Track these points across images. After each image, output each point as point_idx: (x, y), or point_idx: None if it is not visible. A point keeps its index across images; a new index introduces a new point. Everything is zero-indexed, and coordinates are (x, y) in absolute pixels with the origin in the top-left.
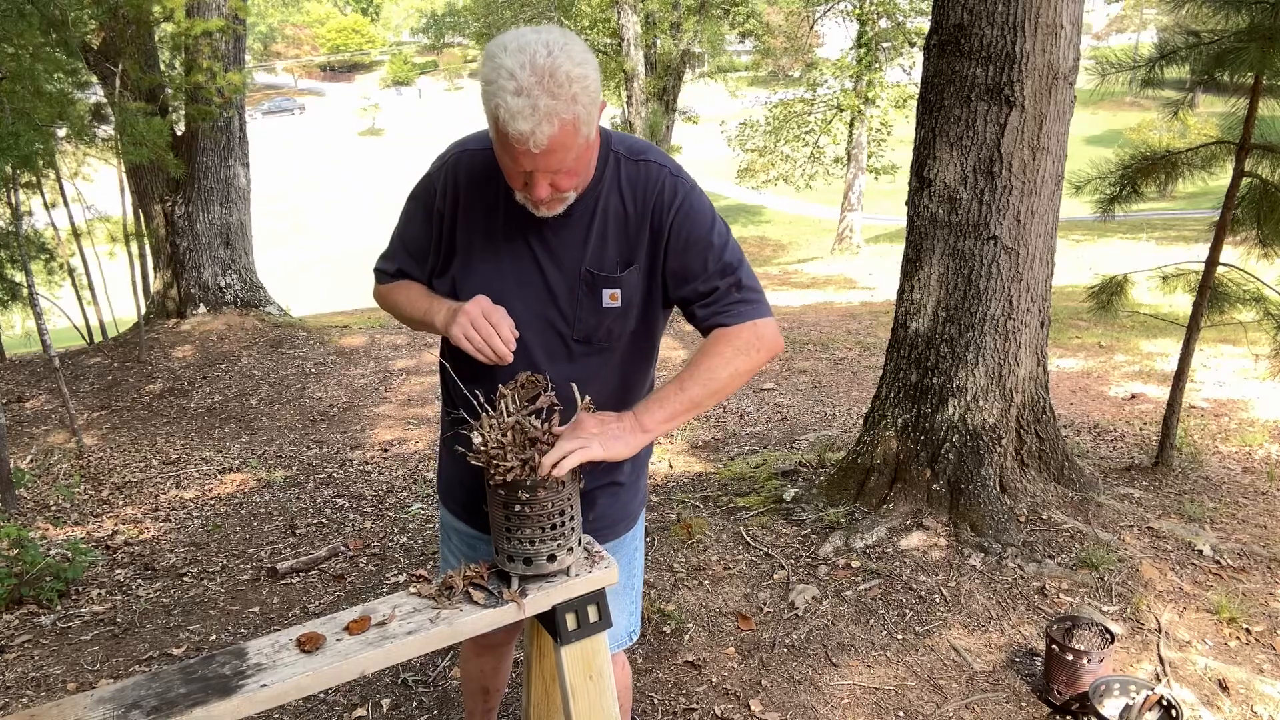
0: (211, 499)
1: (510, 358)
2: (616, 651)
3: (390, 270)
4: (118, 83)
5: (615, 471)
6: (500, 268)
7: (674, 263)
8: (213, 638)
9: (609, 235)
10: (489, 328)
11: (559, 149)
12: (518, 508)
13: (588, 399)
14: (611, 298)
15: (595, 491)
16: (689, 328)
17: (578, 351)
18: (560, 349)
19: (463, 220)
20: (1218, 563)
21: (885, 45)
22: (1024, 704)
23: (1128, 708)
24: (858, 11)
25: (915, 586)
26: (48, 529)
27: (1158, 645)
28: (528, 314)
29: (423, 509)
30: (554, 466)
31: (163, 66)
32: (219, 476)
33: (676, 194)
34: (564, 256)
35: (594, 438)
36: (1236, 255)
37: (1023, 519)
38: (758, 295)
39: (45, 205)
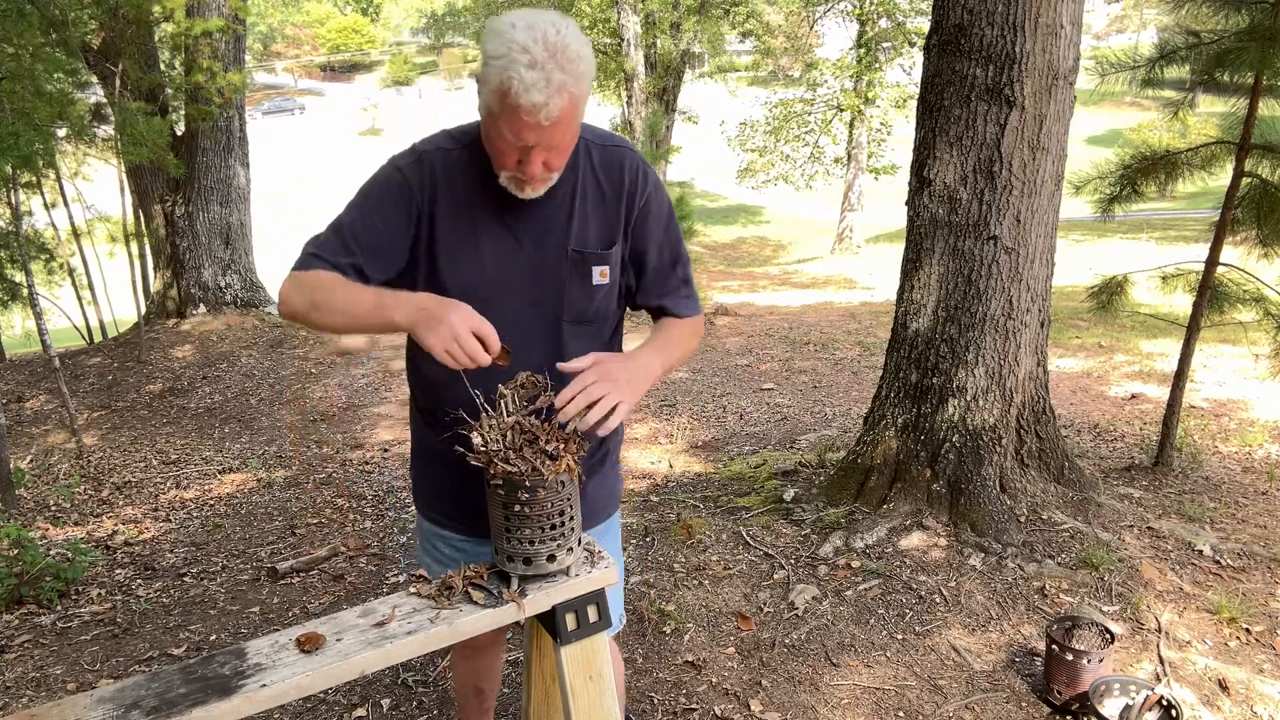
0: (211, 499)
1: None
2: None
3: (339, 264)
4: (118, 83)
5: (600, 449)
6: (483, 261)
7: (636, 244)
8: (213, 638)
9: (589, 216)
10: (476, 345)
11: (564, 122)
12: (517, 508)
13: None
14: (601, 275)
15: (583, 473)
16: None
17: (568, 333)
18: (551, 332)
19: (442, 219)
20: (1218, 563)
21: (885, 45)
22: (1024, 704)
23: (1128, 708)
24: (858, 11)
25: (915, 586)
26: (48, 529)
27: (1158, 645)
28: (517, 300)
29: None
30: (599, 423)
31: (163, 66)
32: (219, 476)
33: (648, 182)
34: (547, 240)
35: (625, 387)
36: (1236, 255)
37: (1023, 519)
38: (695, 292)
39: (45, 205)
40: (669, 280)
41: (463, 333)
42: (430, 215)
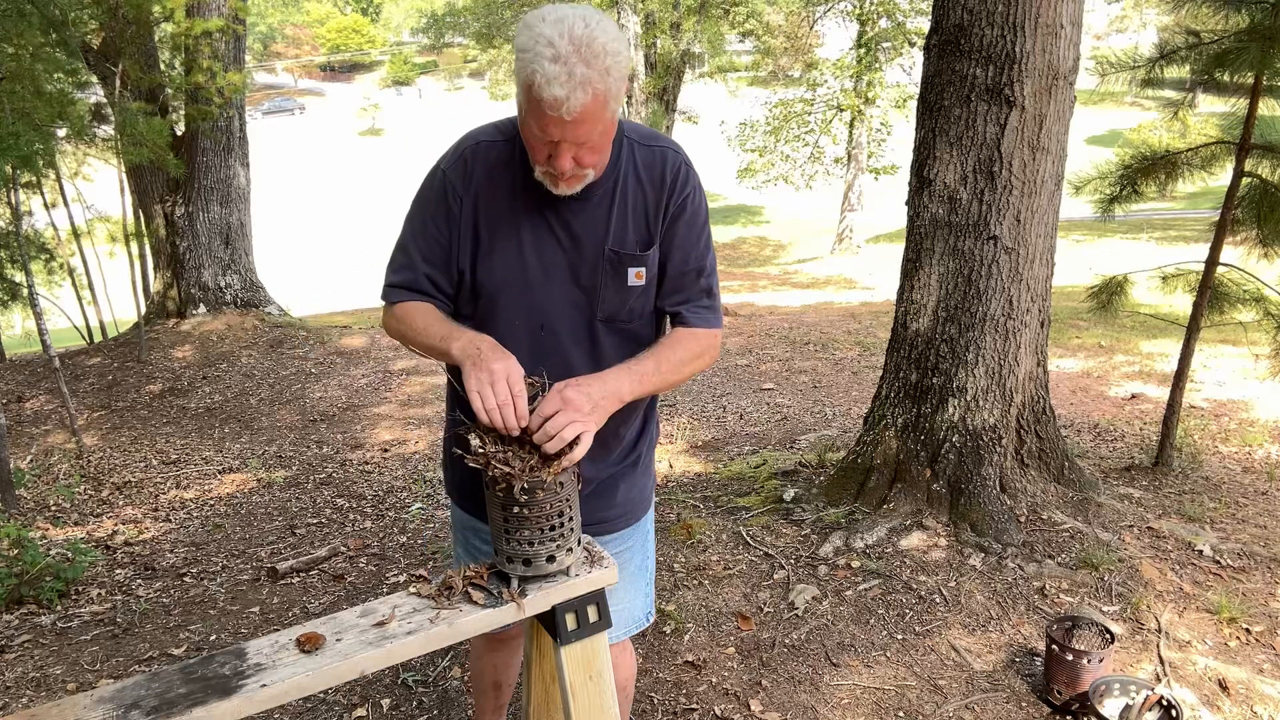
0: (211, 499)
1: (517, 431)
2: (633, 634)
3: (407, 284)
4: (118, 83)
5: (633, 453)
6: (523, 252)
7: (663, 244)
8: (213, 638)
9: (629, 217)
10: (508, 394)
11: (588, 119)
12: (516, 509)
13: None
14: (637, 276)
15: (615, 476)
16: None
17: (600, 331)
18: (583, 330)
19: (483, 210)
20: (1218, 563)
21: (885, 45)
22: (1024, 704)
23: (1128, 708)
24: (858, 11)
25: (915, 586)
26: (48, 529)
27: (1158, 645)
28: (552, 297)
29: (423, 509)
30: (565, 455)
31: (163, 66)
32: (219, 476)
33: (688, 183)
34: (586, 238)
35: (588, 416)
36: (1236, 255)
37: (1023, 519)
38: (718, 305)
39: (45, 205)
40: (689, 287)
41: (499, 380)
42: (472, 209)
